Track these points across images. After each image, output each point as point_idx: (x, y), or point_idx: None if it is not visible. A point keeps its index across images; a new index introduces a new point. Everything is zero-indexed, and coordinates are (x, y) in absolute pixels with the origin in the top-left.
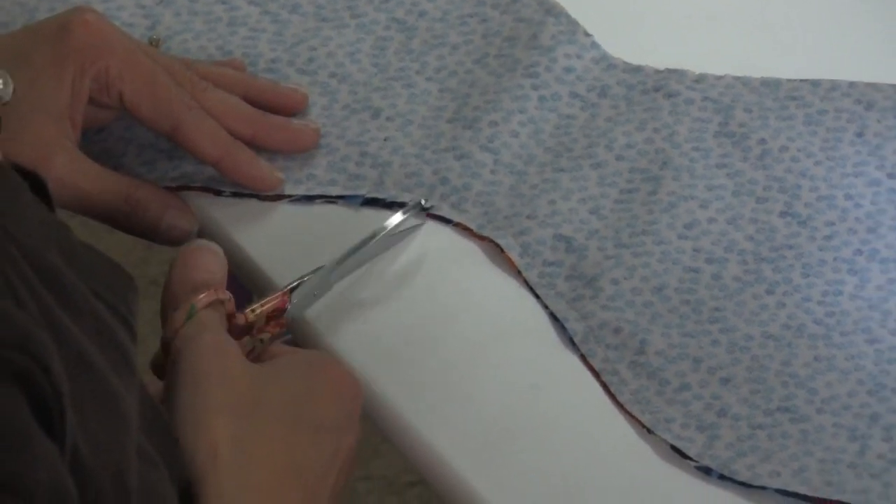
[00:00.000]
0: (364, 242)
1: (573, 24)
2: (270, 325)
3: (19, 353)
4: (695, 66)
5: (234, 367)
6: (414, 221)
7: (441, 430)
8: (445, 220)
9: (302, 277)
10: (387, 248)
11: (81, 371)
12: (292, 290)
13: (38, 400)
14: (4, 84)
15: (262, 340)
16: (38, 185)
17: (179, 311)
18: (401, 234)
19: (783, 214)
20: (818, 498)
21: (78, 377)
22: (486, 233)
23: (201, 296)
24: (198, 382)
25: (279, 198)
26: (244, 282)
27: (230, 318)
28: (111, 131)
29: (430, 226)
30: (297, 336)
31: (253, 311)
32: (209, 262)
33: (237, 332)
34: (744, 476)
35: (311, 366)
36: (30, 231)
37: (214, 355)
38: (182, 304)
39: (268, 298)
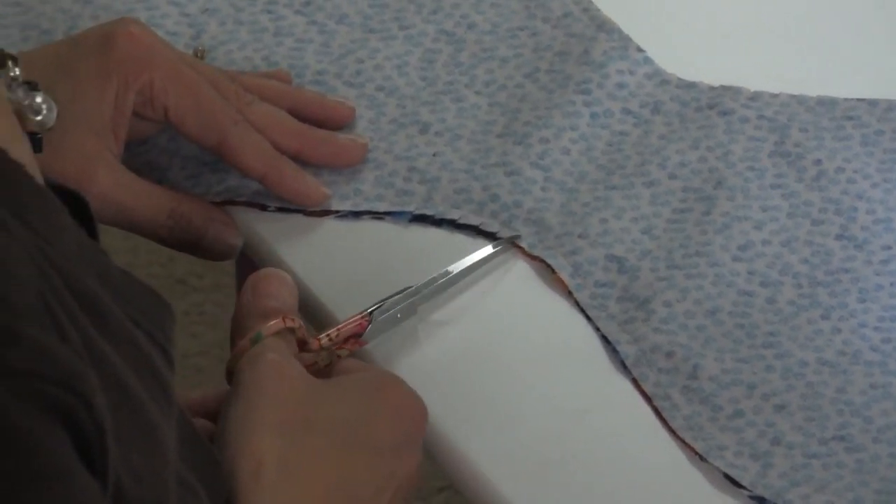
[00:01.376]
0: (455, 272)
1: (625, 40)
2: (349, 342)
3: (63, 389)
4: (750, 82)
5: (290, 384)
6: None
7: (488, 452)
8: (495, 238)
9: (382, 300)
10: (466, 276)
11: (121, 401)
12: (371, 312)
13: (81, 436)
14: (48, 109)
15: (338, 355)
16: (79, 205)
17: (246, 338)
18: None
19: (839, 237)
20: None
21: (118, 407)
22: (537, 252)
23: (270, 323)
24: (251, 398)
25: (325, 213)
26: None
27: (302, 344)
28: (155, 143)
29: (479, 242)
30: None
31: (328, 336)
32: (279, 290)
33: (309, 358)
34: None
35: (375, 386)
36: (69, 256)
37: (273, 373)
38: (249, 332)
39: (344, 323)
